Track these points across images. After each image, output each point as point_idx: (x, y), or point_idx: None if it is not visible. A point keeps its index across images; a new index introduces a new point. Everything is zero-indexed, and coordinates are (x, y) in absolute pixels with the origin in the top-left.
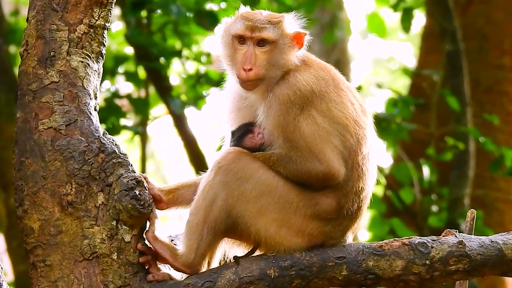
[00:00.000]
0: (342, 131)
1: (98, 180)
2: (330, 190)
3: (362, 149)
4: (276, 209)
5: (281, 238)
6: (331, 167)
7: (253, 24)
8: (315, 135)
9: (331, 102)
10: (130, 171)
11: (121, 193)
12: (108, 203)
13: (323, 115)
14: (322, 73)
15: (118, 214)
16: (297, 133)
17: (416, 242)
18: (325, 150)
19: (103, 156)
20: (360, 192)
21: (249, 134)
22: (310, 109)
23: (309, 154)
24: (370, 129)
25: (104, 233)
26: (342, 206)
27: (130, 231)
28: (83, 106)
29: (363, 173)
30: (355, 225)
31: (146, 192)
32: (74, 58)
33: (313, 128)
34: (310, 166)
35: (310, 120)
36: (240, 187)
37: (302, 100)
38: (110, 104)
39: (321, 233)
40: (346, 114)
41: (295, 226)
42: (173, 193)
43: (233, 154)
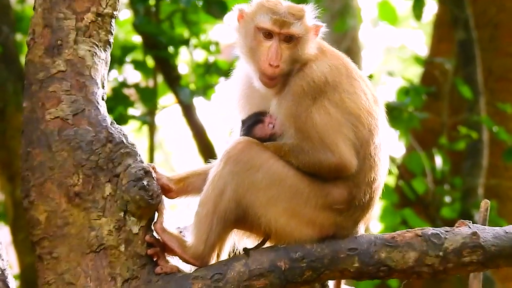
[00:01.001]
0: (355, 121)
1: (105, 170)
2: (341, 181)
3: (374, 139)
4: (287, 199)
5: (292, 229)
6: (343, 158)
7: (281, 19)
8: (327, 126)
9: (344, 92)
10: (138, 161)
11: (129, 183)
12: (115, 194)
13: (335, 105)
14: (335, 62)
15: (126, 205)
16: (309, 124)
17: (429, 233)
18: (337, 141)
19: (111, 146)
20: (372, 182)
21: (259, 123)
22: (323, 99)
23: (321, 145)
24: (382, 119)
25: (112, 225)
26: (353, 197)
27: (138, 222)
28: (91, 95)
29: (375, 163)
30: (367, 216)
31: (154, 183)
32: (82, 47)
33: (325, 118)
34: (322, 157)
35: (323, 110)
36: (250, 177)
37: (316, 90)
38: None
39: (333, 224)
40: (359, 105)
41: (306, 216)
42: (183, 182)
43: (243, 144)
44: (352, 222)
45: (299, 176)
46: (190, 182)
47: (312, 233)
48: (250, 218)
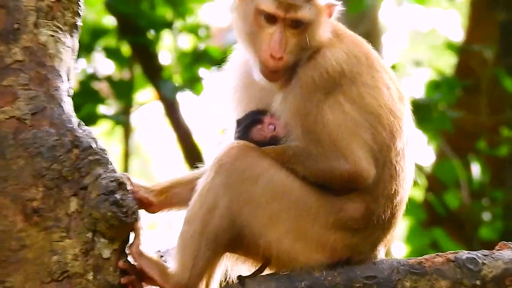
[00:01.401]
0: (374, 122)
1: (70, 181)
2: (356, 194)
3: (396, 144)
4: (291, 217)
5: (297, 253)
6: (359, 166)
7: (287, 1)
8: (341, 127)
9: (363, 86)
10: (110, 171)
11: (99, 198)
12: (82, 210)
13: (352, 102)
14: (354, 49)
15: (95, 224)
16: (320, 124)
17: (464, 257)
18: (352, 145)
19: (77, 152)
20: (393, 195)
21: (257, 124)
22: (338, 94)
23: (332, 149)
24: (407, 119)
25: (78, 248)
26: (371, 213)
27: (109, 245)
28: (54, 90)
29: (397, 173)
30: (387, 237)
31: (129, 197)
32: (43, 32)
33: (339, 118)
34: (334, 164)
35: (336, 108)
36: (247, 189)
37: (329, 83)
38: (86, 88)
39: (346, 246)
40: (380, 101)
41: (315, 237)
42: (165, 193)
43: (237, 149)
44: (370, 244)
45: (305, 189)
46: (175, 193)
47: (321, 258)
48: (247, 240)
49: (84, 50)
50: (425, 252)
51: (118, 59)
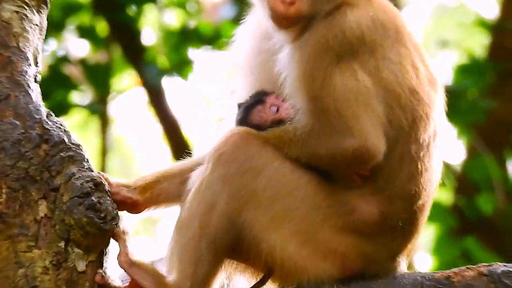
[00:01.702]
0: (391, 101)
1: (39, 182)
2: (370, 192)
3: (418, 134)
4: (297, 218)
5: (304, 260)
6: (366, 139)
7: None
8: (350, 93)
9: (383, 59)
10: (85, 169)
11: (73, 201)
12: (53, 215)
13: (367, 72)
14: (382, 16)
15: (68, 231)
16: (326, 89)
17: (499, 271)
18: (360, 115)
19: (47, 148)
20: (412, 197)
21: (258, 105)
22: (352, 61)
23: (337, 120)
24: (437, 109)
25: (48, 259)
26: (385, 217)
27: (85, 256)
28: (19, 75)
29: (419, 171)
30: (408, 246)
31: (108, 199)
32: (6, 8)
33: (349, 84)
34: (337, 138)
35: (348, 73)
36: (247, 184)
37: (344, 47)
38: (56, 73)
39: (360, 255)
40: (401, 80)
41: (323, 242)
42: (150, 189)
43: (237, 136)
44: (389, 253)
45: (314, 185)
46: (161, 189)
47: (331, 267)
48: (247, 244)
49: (54, 29)
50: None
51: (93, 39)
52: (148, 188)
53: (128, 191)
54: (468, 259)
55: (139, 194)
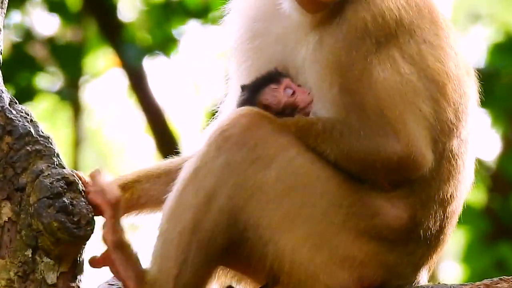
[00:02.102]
0: (437, 94)
1: (2, 181)
2: (399, 194)
3: (460, 130)
4: (313, 218)
5: (317, 268)
6: (413, 146)
7: None
8: (394, 90)
9: (424, 43)
10: (55, 166)
11: (41, 202)
12: (19, 219)
13: (410, 61)
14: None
15: (36, 238)
16: (365, 81)
17: None
18: (406, 117)
19: (10, 141)
20: (448, 201)
21: (272, 83)
22: (392, 47)
23: (379, 120)
24: (474, 100)
25: (13, 270)
26: (417, 223)
27: (56, 266)
28: None
29: (456, 170)
30: (433, 256)
31: (82, 201)
32: None
33: (392, 78)
34: (379, 141)
35: (389, 64)
36: (258, 174)
37: (383, 31)
38: (20, 53)
39: (381, 264)
40: (447, 68)
41: (340, 248)
42: (131, 189)
43: (249, 117)
44: (412, 265)
45: (336, 180)
46: (143, 190)
47: (348, 278)
48: (250, 246)
49: (17, 1)
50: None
51: (63, 13)
52: (127, 188)
53: None
54: (502, 268)
55: None
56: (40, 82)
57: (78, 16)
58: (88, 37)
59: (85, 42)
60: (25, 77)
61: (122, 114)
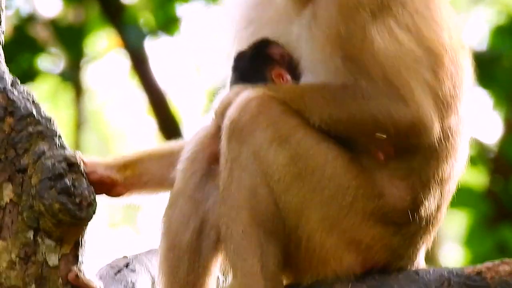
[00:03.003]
0: (435, 65)
1: (3, 162)
2: (400, 175)
3: (457, 105)
4: (325, 200)
5: (328, 254)
6: (422, 112)
7: None
8: (396, 58)
9: (417, 13)
10: (57, 147)
11: (43, 183)
12: (20, 201)
13: (406, 29)
14: None
15: (38, 219)
16: (368, 51)
17: None
18: (413, 85)
19: (12, 122)
20: (446, 180)
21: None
22: (387, 17)
23: (387, 86)
24: (468, 72)
25: (15, 252)
26: (419, 203)
27: (57, 248)
28: None
29: (454, 148)
30: (431, 235)
31: (84, 182)
32: None
33: (392, 46)
34: (391, 105)
35: (387, 33)
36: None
37: (376, 2)
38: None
39: (385, 247)
40: (442, 39)
41: (348, 231)
42: (132, 168)
43: (257, 101)
44: (413, 246)
45: (342, 160)
46: (146, 169)
47: (354, 261)
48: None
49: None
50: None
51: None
52: (129, 166)
53: (106, 168)
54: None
55: (118, 172)
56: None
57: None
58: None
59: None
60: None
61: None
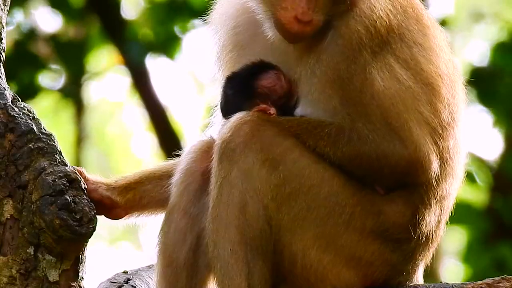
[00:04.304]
0: (432, 97)
1: (4, 178)
2: (400, 193)
3: (455, 129)
4: (320, 218)
5: (326, 270)
6: (420, 151)
7: None
8: (396, 98)
9: (415, 46)
10: (57, 163)
11: (43, 200)
12: (21, 216)
13: (406, 66)
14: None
15: (38, 235)
16: (367, 93)
17: None
18: (411, 124)
19: (13, 138)
20: (445, 197)
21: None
22: (386, 54)
23: (385, 127)
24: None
25: (15, 267)
26: (419, 220)
27: (58, 264)
28: None
29: (452, 168)
30: (430, 251)
31: (84, 198)
32: None
33: (392, 86)
34: (387, 147)
35: (387, 72)
36: (270, 176)
37: (376, 40)
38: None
39: (386, 263)
40: (439, 69)
41: (347, 247)
42: (133, 190)
43: (250, 124)
44: (412, 262)
45: (339, 179)
46: (145, 191)
47: (354, 277)
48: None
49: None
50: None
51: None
52: (129, 189)
53: (107, 189)
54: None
55: (119, 195)
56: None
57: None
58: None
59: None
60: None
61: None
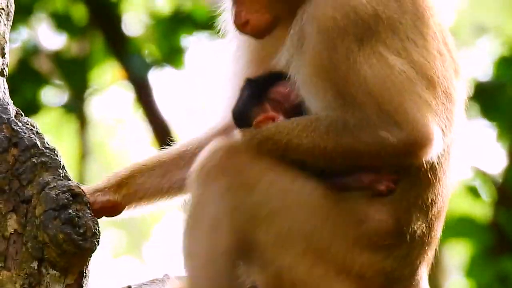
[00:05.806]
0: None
1: (8, 193)
2: (380, 202)
3: (446, 134)
4: (305, 232)
5: (317, 282)
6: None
7: None
8: (386, 83)
9: (407, 40)
10: (61, 178)
11: (47, 214)
12: (24, 231)
13: (398, 55)
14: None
15: (42, 249)
16: (354, 81)
17: None
18: (407, 107)
19: (16, 153)
20: (429, 207)
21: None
22: (375, 43)
23: (378, 115)
24: (460, 105)
25: (19, 282)
26: (403, 225)
27: (62, 278)
28: None
29: (437, 176)
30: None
31: (88, 212)
32: None
33: (382, 71)
34: (382, 134)
35: (376, 59)
36: (246, 199)
37: (361, 28)
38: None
39: (379, 272)
40: (433, 66)
41: (335, 260)
42: (126, 186)
43: (224, 149)
44: (409, 265)
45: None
46: (139, 184)
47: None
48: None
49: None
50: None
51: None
52: (122, 185)
53: (104, 193)
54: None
55: (115, 193)
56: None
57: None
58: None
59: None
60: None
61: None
